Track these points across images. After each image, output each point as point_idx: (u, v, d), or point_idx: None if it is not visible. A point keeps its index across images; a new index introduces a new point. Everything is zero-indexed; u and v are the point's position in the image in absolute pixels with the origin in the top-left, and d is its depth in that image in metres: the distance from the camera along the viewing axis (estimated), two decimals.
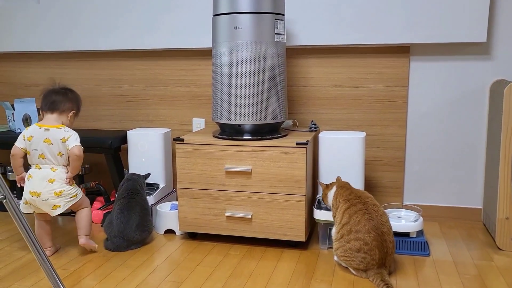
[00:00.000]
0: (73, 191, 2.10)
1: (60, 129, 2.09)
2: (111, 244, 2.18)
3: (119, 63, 2.85)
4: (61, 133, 2.08)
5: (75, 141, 2.09)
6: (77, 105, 2.21)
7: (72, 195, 2.09)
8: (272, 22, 2.14)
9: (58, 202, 2.06)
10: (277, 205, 2.14)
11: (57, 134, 2.07)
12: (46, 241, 2.15)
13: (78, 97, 2.23)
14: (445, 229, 2.42)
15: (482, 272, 1.93)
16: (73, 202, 2.10)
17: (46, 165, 2.08)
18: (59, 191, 2.05)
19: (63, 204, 2.07)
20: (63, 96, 2.16)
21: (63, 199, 2.07)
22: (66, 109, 2.15)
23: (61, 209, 2.07)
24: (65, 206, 2.08)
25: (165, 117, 2.83)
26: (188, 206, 2.26)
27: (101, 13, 2.75)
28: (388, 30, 2.38)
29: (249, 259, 2.09)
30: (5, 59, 3.06)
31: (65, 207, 2.08)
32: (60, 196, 2.06)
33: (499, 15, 2.34)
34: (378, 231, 1.83)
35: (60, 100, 2.15)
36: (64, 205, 2.07)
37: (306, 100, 2.60)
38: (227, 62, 2.15)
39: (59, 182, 2.06)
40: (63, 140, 2.07)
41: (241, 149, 2.15)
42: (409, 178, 2.55)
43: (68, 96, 2.17)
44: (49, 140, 2.07)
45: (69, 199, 2.08)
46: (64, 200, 2.07)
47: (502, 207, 2.12)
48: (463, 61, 2.41)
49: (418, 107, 2.49)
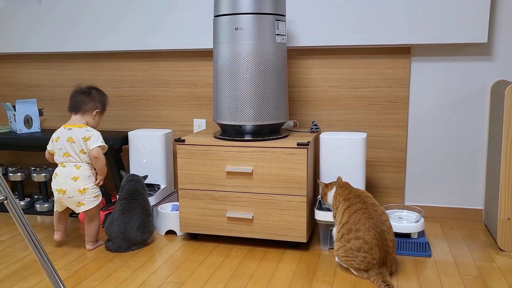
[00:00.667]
0: (96, 191, 2.19)
1: (82, 128, 2.17)
2: (112, 245, 2.18)
3: (120, 64, 2.85)
4: (82, 132, 2.15)
5: (96, 142, 2.16)
6: (101, 103, 2.27)
7: (95, 194, 2.18)
8: (273, 23, 2.14)
9: (82, 199, 2.13)
10: (278, 206, 2.14)
11: (79, 133, 2.15)
12: (59, 225, 2.24)
13: (102, 96, 2.29)
14: (446, 230, 2.41)
15: (484, 273, 1.93)
16: (96, 203, 2.18)
17: (70, 163, 2.16)
18: (83, 188, 2.13)
19: (87, 202, 2.14)
20: (86, 96, 2.23)
21: (87, 196, 2.14)
22: (89, 109, 2.22)
23: (84, 207, 2.14)
24: (88, 205, 2.15)
25: (166, 118, 2.83)
26: (189, 207, 2.26)
27: (102, 14, 2.75)
28: (389, 31, 2.38)
29: (250, 260, 2.08)
30: (6, 60, 3.06)
31: (88, 206, 2.15)
32: (84, 194, 2.13)
33: (500, 16, 2.34)
34: (378, 230, 1.83)
35: (82, 100, 2.21)
36: (87, 204, 2.15)
37: (307, 101, 2.60)
38: (228, 63, 2.15)
39: (83, 180, 2.13)
40: (85, 139, 2.14)
41: (242, 150, 2.15)
42: (410, 179, 2.55)
43: (91, 96, 2.24)
44: (71, 138, 2.15)
45: (92, 199, 2.16)
46: (88, 198, 2.14)
47: (504, 208, 2.12)
48: (464, 61, 2.41)
49: (419, 108, 2.49)
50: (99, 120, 2.29)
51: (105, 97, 2.31)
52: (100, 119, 2.29)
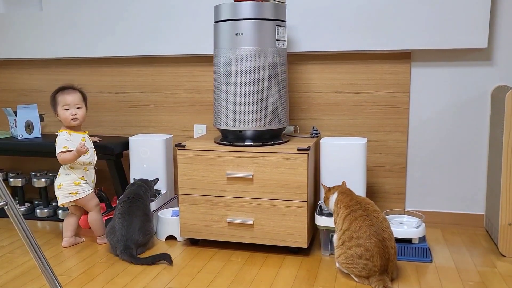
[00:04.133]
0: (74, 189, 2.26)
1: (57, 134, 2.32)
2: (114, 251, 2.17)
3: (121, 69, 2.86)
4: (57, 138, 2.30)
5: (58, 148, 2.25)
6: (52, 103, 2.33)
7: (70, 191, 2.27)
8: (274, 28, 2.14)
9: (58, 194, 2.29)
10: (279, 211, 2.14)
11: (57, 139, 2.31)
12: (67, 231, 2.33)
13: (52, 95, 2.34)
14: (448, 235, 2.41)
15: (485, 279, 1.92)
16: (72, 198, 2.27)
17: None
18: (59, 184, 2.28)
19: (61, 197, 2.27)
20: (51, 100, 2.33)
21: (62, 192, 2.27)
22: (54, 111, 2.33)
23: (59, 201, 2.29)
24: (63, 200, 2.27)
25: (166, 123, 2.83)
26: (189, 212, 2.25)
27: (103, 20, 2.76)
28: (389, 36, 2.39)
29: (250, 266, 2.08)
30: (7, 66, 3.07)
31: (63, 200, 2.28)
32: (59, 189, 2.28)
33: (500, 21, 2.34)
34: (379, 237, 1.82)
35: None
36: (62, 198, 2.28)
37: (307, 106, 2.61)
38: (228, 68, 2.16)
39: (62, 176, 2.28)
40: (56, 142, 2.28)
41: (242, 155, 2.15)
42: (411, 184, 2.55)
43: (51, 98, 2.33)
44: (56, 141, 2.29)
45: (67, 195, 2.27)
46: (63, 193, 2.27)
47: (505, 213, 2.12)
48: (465, 67, 2.41)
49: (420, 113, 2.49)
50: (61, 115, 2.28)
51: (53, 93, 2.32)
52: (62, 114, 2.28)
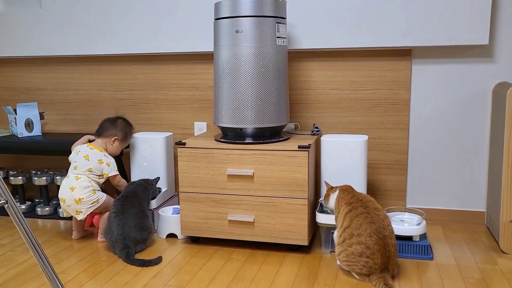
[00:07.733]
0: (94, 198, 2.29)
1: (101, 152, 2.36)
2: (113, 250, 2.17)
3: (120, 67, 2.86)
4: (100, 155, 2.35)
5: (114, 169, 2.36)
6: (122, 132, 2.44)
7: (92, 201, 2.29)
8: (274, 25, 2.14)
9: (79, 208, 2.27)
10: (279, 209, 2.14)
11: (97, 155, 2.34)
12: (76, 226, 2.39)
13: (126, 126, 2.47)
14: (449, 233, 2.41)
15: (486, 276, 1.92)
16: (95, 207, 2.30)
17: (73, 174, 2.32)
18: (78, 198, 2.25)
19: (84, 210, 2.27)
20: (111, 123, 2.44)
21: (83, 205, 2.26)
22: (109, 135, 2.41)
23: (83, 214, 2.28)
24: (87, 212, 2.28)
25: (167, 121, 2.83)
26: (190, 210, 2.25)
27: (102, 17, 2.75)
28: (390, 33, 2.38)
29: (251, 263, 2.08)
30: (7, 64, 3.07)
31: (87, 212, 2.28)
32: (80, 203, 2.26)
33: (501, 18, 2.33)
34: (380, 235, 1.82)
35: (106, 126, 2.42)
36: (85, 211, 2.28)
37: (308, 103, 2.60)
38: (228, 65, 2.15)
39: (79, 190, 2.26)
40: (100, 162, 2.33)
41: (243, 152, 2.15)
42: (412, 181, 2.55)
43: (115, 124, 2.44)
44: (88, 156, 2.33)
45: (90, 205, 2.28)
46: (85, 206, 2.27)
47: (506, 210, 2.11)
48: (465, 63, 2.41)
49: (420, 110, 2.48)
50: (118, 147, 2.43)
51: (128, 128, 2.48)
52: (119, 147, 2.44)
